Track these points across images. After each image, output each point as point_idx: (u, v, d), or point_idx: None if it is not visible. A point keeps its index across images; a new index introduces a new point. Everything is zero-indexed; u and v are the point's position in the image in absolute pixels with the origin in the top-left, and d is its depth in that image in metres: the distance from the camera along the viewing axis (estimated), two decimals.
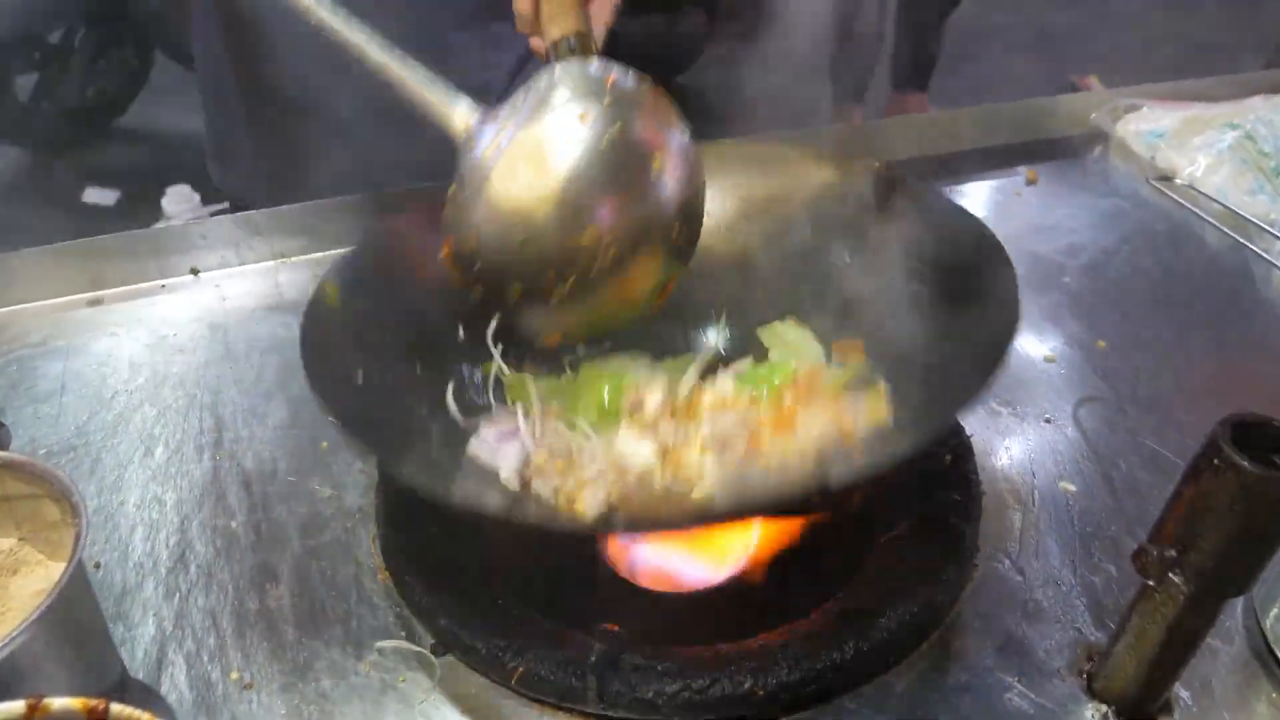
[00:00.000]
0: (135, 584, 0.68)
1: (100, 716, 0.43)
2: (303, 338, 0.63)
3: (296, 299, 0.96)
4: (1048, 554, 0.69)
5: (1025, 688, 0.60)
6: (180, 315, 0.94)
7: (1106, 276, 1.00)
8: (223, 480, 0.76)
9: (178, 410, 0.82)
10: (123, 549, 0.70)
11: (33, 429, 0.81)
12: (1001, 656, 0.62)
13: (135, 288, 0.97)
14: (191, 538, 0.71)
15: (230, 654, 0.63)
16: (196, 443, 0.79)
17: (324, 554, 0.70)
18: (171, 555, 0.70)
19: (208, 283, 0.99)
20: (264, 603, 0.66)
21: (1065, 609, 0.65)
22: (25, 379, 0.86)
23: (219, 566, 0.69)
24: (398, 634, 0.63)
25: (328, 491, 0.74)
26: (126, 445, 0.79)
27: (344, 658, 0.62)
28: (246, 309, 0.95)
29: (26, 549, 0.61)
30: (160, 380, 0.86)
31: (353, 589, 0.67)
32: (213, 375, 0.86)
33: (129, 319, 0.94)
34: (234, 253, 1.00)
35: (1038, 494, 0.74)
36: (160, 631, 0.64)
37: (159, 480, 0.76)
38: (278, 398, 0.83)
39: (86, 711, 0.44)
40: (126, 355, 0.89)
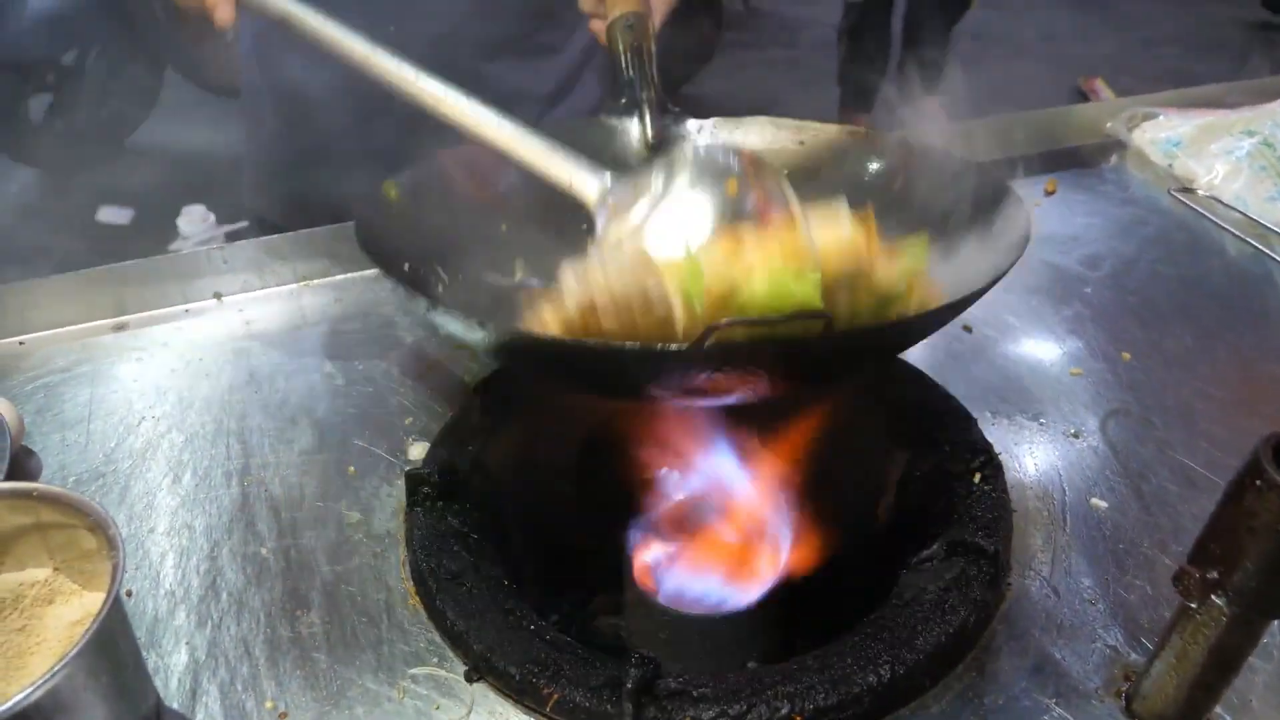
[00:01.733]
0: (167, 612, 0.67)
1: None
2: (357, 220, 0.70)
3: (319, 321, 0.96)
4: (1081, 572, 0.68)
5: (1063, 709, 0.60)
6: (204, 339, 0.94)
7: (1128, 287, 1.00)
8: (251, 506, 0.76)
9: (205, 436, 0.82)
10: (154, 576, 0.70)
11: (61, 456, 0.81)
12: (1037, 677, 0.61)
13: (159, 312, 0.98)
14: (222, 565, 0.71)
15: (264, 683, 0.62)
16: (224, 469, 0.79)
17: (354, 579, 0.69)
18: (203, 583, 0.70)
19: (231, 307, 0.99)
20: (296, 630, 0.66)
21: (1101, 627, 0.65)
22: (52, 405, 0.86)
23: (250, 594, 0.69)
24: (430, 660, 0.63)
25: (356, 516, 0.74)
26: (155, 472, 0.79)
27: (377, 685, 0.62)
28: (270, 332, 0.95)
29: (61, 579, 0.61)
30: (186, 405, 0.86)
31: (384, 615, 0.67)
32: (238, 400, 0.86)
33: (154, 344, 0.94)
34: (256, 276, 1.00)
35: (1069, 511, 0.73)
36: (193, 660, 0.64)
37: (188, 507, 0.76)
38: (303, 423, 0.83)
39: None
40: (152, 380, 0.89)
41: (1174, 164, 1.17)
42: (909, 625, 0.60)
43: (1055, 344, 0.91)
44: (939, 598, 0.62)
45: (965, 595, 0.62)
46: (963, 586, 0.62)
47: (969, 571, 0.63)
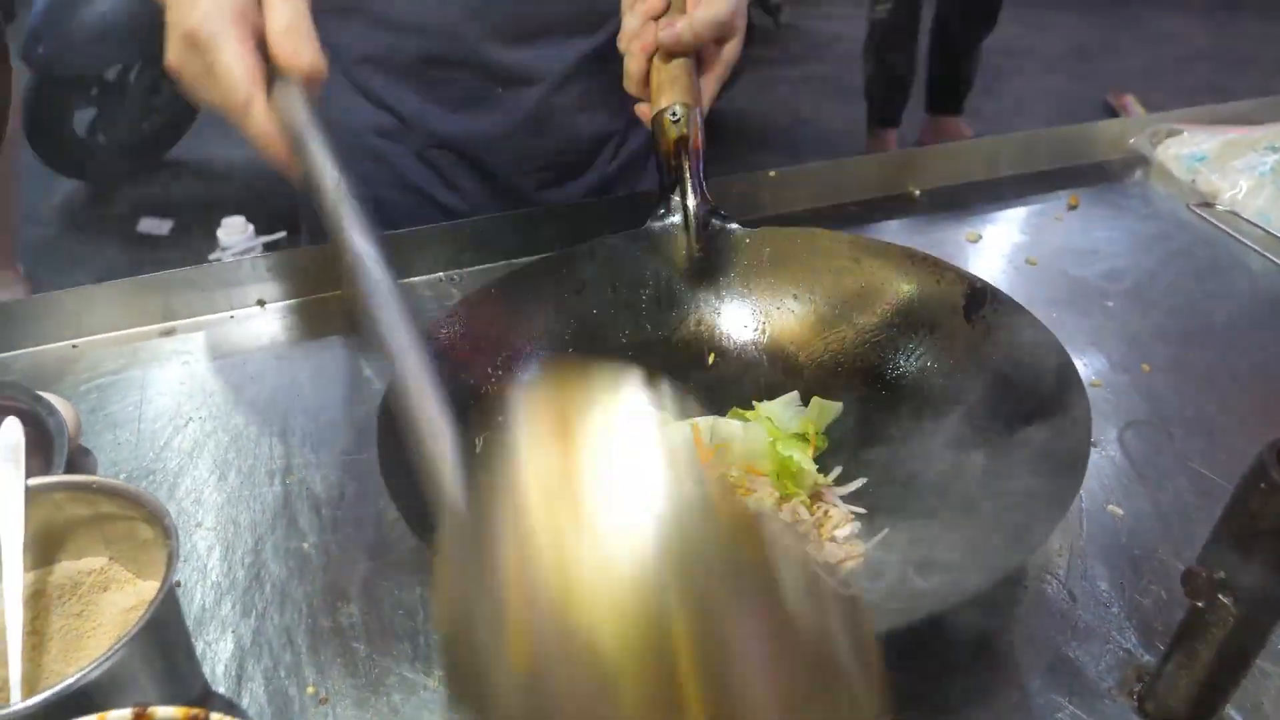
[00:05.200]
0: (214, 602, 0.71)
1: None
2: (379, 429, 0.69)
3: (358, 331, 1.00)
4: (1096, 577, 0.70)
5: (1076, 708, 0.61)
6: (249, 344, 0.98)
7: (1149, 300, 1.01)
8: (293, 504, 0.79)
9: (249, 436, 0.86)
10: (201, 569, 0.73)
11: (113, 453, 0.84)
12: (1052, 677, 0.63)
13: (205, 318, 1.01)
14: (265, 558, 0.74)
15: (306, 670, 0.65)
16: (268, 467, 0.82)
17: (391, 574, 0.72)
18: (247, 575, 0.73)
19: (274, 313, 1.02)
20: (336, 620, 0.69)
21: (1115, 630, 0.66)
22: (104, 406, 0.90)
23: (292, 586, 0.72)
24: None
25: (393, 514, 0.77)
26: (202, 469, 0.83)
27: (414, 674, 0.65)
28: (311, 338, 0.99)
29: (116, 567, 0.65)
30: (231, 407, 0.89)
31: (419, 608, 0.69)
32: (281, 402, 0.90)
33: (200, 348, 0.98)
34: (300, 284, 1.04)
35: (1086, 517, 0.75)
36: (239, 648, 0.67)
37: (233, 503, 0.79)
38: (343, 425, 0.87)
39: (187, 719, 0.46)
40: (199, 383, 0.93)
41: (1197, 179, 1.18)
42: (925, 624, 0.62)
43: (1075, 356, 0.92)
44: None
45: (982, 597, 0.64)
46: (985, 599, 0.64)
47: None
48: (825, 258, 0.86)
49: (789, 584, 0.35)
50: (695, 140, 0.82)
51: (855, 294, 0.85)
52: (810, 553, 0.67)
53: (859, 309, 0.84)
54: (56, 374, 0.94)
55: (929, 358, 0.80)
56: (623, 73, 0.88)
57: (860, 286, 0.85)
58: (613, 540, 0.33)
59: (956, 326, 0.79)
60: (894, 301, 0.83)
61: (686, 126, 0.81)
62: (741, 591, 0.34)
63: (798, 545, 0.55)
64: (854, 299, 0.84)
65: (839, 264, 0.86)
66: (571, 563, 0.33)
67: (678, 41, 0.82)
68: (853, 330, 0.84)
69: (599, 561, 0.33)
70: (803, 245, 0.87)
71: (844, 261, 0.86)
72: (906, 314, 0.82)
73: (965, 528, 0.66)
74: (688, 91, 0.82)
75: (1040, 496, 0.62)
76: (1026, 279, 1.05)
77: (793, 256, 0.87)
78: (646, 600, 0.32)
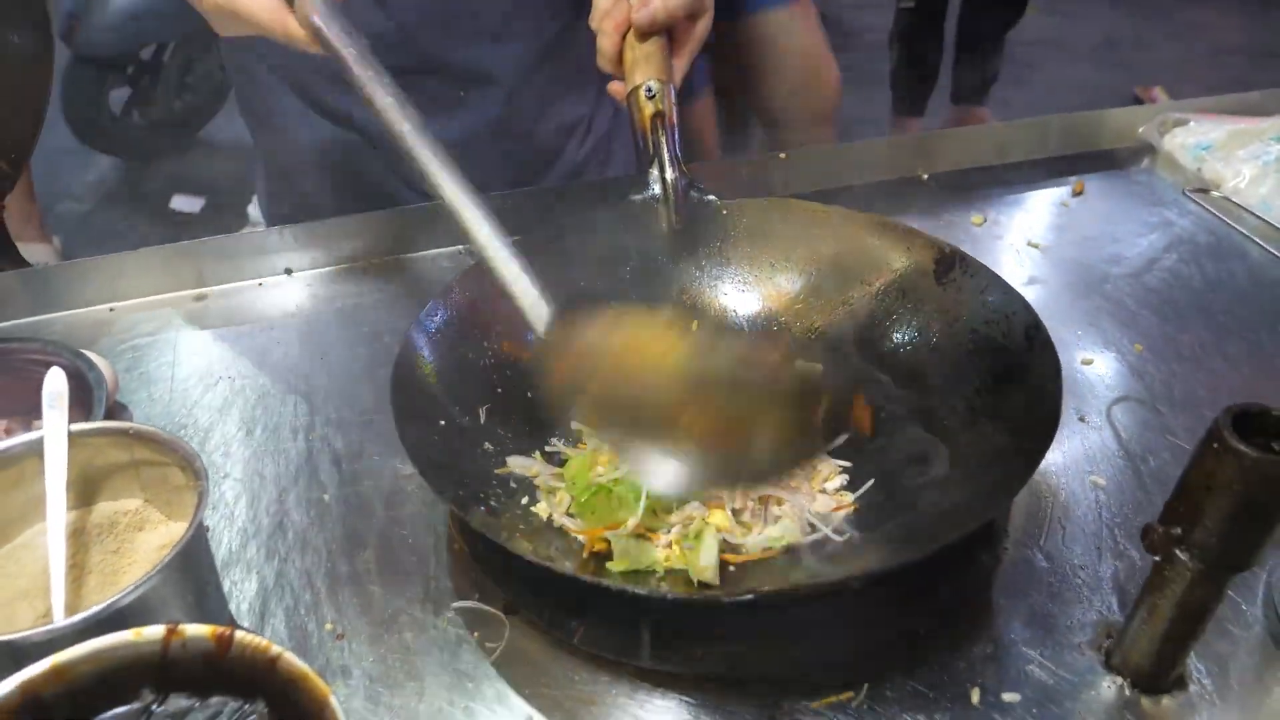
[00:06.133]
0: (240, 546, 0.76)
1: (227, 642, 0.51)
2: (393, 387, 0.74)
3: (379, 296, 1.04)
4: (1074, 541, 0.73)
5: (1046, 659, 0.65)
6: (276, 311, 1.03)
7: (1147, 284, 1.04)
8: (315, 458, 0.84)
9: (275, 396, 0.91)
10: (229, 516, 0.78)
11: (148, 409, 0.89)
12: (1025, 632, 0.67)
13: (235, 285, 1.06)
14: (289, 507, 0.79)
15: (324, 609, 0.70)
16: (292, 425, 0.87)
17: (406, 524, 0.77)
18: (271, 522, 0.78)
19: (300, 281, 1.07)
20: (353, 565, 0.74)
21: (1089, 592, 0.70)
22: (140, 365, 0.95)
23: (313, 533, 0.77)
24: (472, 595, 0.70)
25: (409, 470, 0.81)
26: (230, 425, 0.88)
27: (424, 614, 0.69)
28: (335, 305, 1.03)
29: (150, 509, 0.70)
30: (259, 368, 0.94)
31: (431, 555, 0.74)
32: (305, 365, 0.95)
33: (230, 313, 1.03)
34: (325, 254, 1.08)
35: (1068, 486, 0.78)
36: (263, 588, 0.72)
37: (259, 457, 0.84)
38: (364, 386, 0.91)
39: (215, 638, 0.51)
40: (229, 345, 0.98)
41: (1203, 168, 1.20)
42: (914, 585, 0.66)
43: (1070, 335, 0.95)
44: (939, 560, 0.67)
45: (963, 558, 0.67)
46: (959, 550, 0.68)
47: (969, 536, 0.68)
48: (800, 226, 0.90)
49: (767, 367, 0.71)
50: (670, 115, 0.84)
51: (830, 261, 0.88)
52: (803, 501, 0.72)
53: (835, 276, 0.88)
54: (94, 335, 0.99)
55: (904, 321, 0.83)
56: (586, 56, 0.90)
57: (835, 254, 0.88)
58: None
59: (928, 290, 0.83)
60: (868, 267, 0.87)
61: (662, 102, 0.84)
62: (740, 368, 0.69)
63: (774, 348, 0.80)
64: (829, 267, 0.88)
65: (814, 233, 0.89)
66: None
67: (652, 21, 0.84)
68: (830, 296, 0.88)
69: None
70: (778, 216, 0.91)
71: (819, 231, 0.89)
72: (881, 279, 0.86)
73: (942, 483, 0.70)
74: (662, 68, 0.84)
75: (1013, 454, 0.65)
76: (1029, 262, 1.08)
77: (769, 227, 0.91)
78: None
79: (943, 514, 0.67)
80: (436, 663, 0.66)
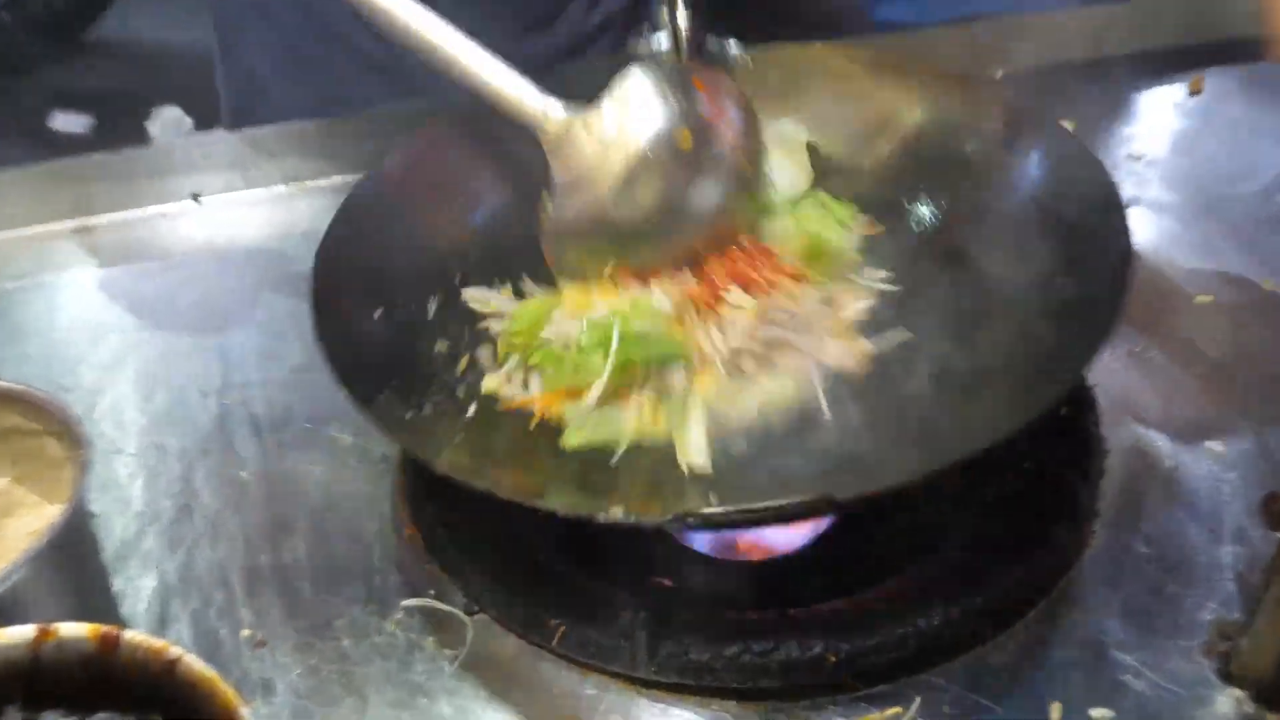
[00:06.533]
0: (135, 535, 0.76)
1: (112, 642, 0.51)
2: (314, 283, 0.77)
3: (312, 228, 1.04)
4: (1184, 521, 0.73)
5: (1147, 668, 0.65)
6: (181, 246, 1.03)
7: None
8: (230, 427, 0.84)
9: (179, 350, 0.91)
10: (122, 499, 0.79)
11: (18, 369, 0.90)
12: (1120, 633, 0.67)
13: (129, 215, 1.06)
14: (197, 487, 0.79)
15: (240, 611, 0.71)
16: (200, 386, 0.88)
17: (345, 507, 0.77)
18: (175, 505, 0.78)
19: (211, 209, 1.07)
20: (278, 557, 0.74)
21: (1202, 584, 0.69)
22: (8, 316, 0.95)
23: (227, 518, 0.77)
24: (426, 592, 0.71)
25: (348, 439, 0.82)
26: (123, 387, 0.88)
27: (366, 616, 0.70)
28: (256, 240, 1.03)
29: (21, 490, 0.70)
30: (160, 317, 0.94)
31: (376, 544, 0.74)
32: (218, 313, 0.95)
33: (122, 250, 1.03)
34: (240, 176, 1.08)
35: (1176, 454, 0.78)
36: (163, 585, 0.73)
37: (160, 426, 0.84)
38: (291, 337, 0.91)
39: (97, 639, 0.51)
40: (121, 289, 0.98)
41: None
42: (969, 567, 0.66)
43: (1186, 265, 0.95)
44: (1009, 538, 0.67)
45: (1037, 537, 0.67)
46: (1035, 528, 0.68)
47: (1043, 511, 0.69)
48: (840, 80, 0.90)
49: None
50: None
51: (876, 121, 0.88)
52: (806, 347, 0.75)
53: (880, 137, 0.88)
54: None
55: (959, 191, 0.84)
56: None
57: (881, 112, 0.88)
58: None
59: (991, 155, 0.84)
60: (920, 128, 0.87)
61: None
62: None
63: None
64: (875, 127, 0.88)
65: (858, 87, 0.89)
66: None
67: None
68: (873, 161, 0.88)
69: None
70: (816, 65, 0.91)
71: (863, 84, 0.89)
72: (933, 142, 0.86)
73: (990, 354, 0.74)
74: None
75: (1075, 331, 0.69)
76: (1132, 179, 1.07)
77: (804, 80, 0.91)
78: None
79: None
80: (381, 674, 0.66)
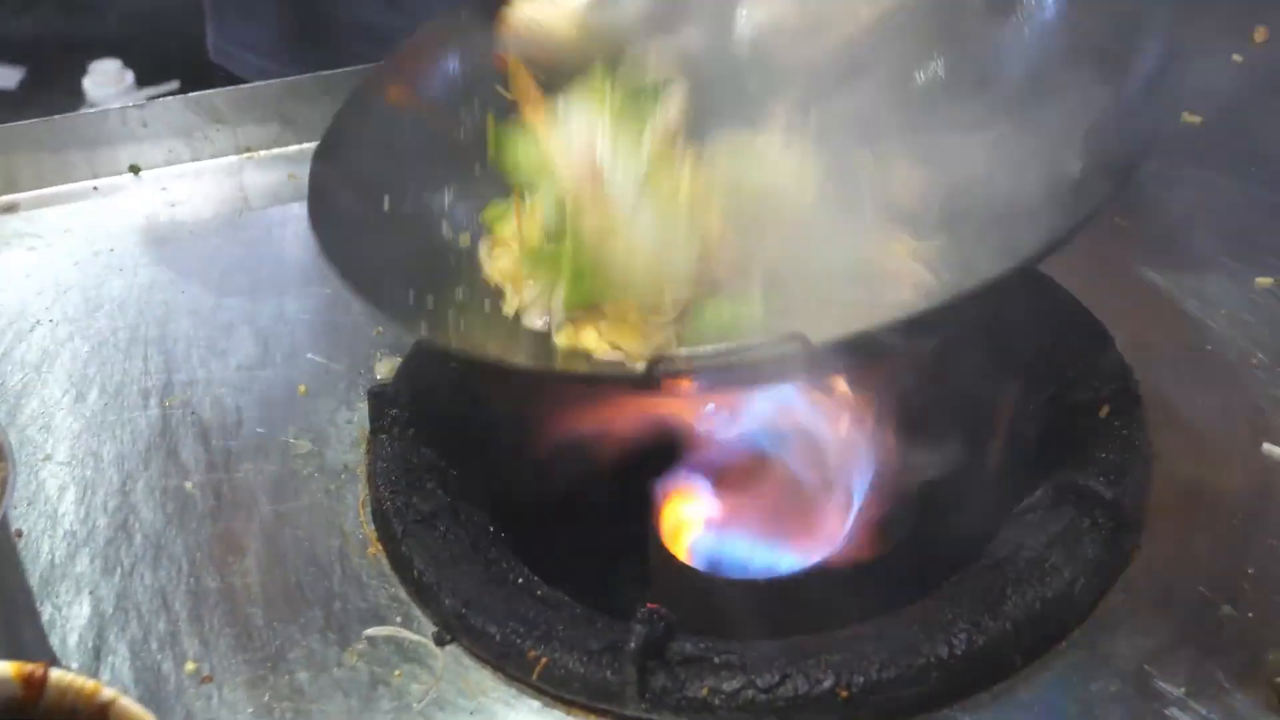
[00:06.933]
0: (66, 556, 0.76)
1: (38, 683, 0.51)
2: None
3: (266, 203, 1.04)
4: (1239, 536, 0.73)
5: (1195, 702, 0.65)
6: (117, 225, 1.03)
7: None
8: (174, 432, 0.84)
9: (116, 345, 0.91)
10: (50, 514, 0.79)
11: None
12: (1165, 663, 0.67)
13: (59, 190, 1.06)
14: (135, 502, 0.80)
15: (185, 641, 0.71)
16: (141, 385, 0.88)
17: (301, 522, 0.78)
18: (111, 522, 0.78)
19: (152, 184, 1.07)
20: (226, 580, 0.74)
21: (1256, 607, 0.69)
22: None
23: (170, 536, 0.77)
24: (392, 619, 0.71)
25: (306, 446, 0.82)
26: (53, 388, 0.88)
27: (325, 646, 0.70)
28: (202, 217, 1.04)
29: None
30: (94, 307, 0.94)
31: (336, 564, 0.75)
32: (160, 301, 0.95)
33: (52, 229, 1.03)
34: (186, 145, 1.08)
35: (1235, 459, 0.78)
36: (98, 613, 0.73)
37: (94, 431, 0.85)
38: (242, 330, 0.92)
39: (21, 679, 0.51)
40: (51, 275, 0.98)
41: None
42: (996, 588, 0.66)
43: (1243, 246, 0.94)
44: (1039, 555, 0.68)
45: (1073, 553, 0.68)
46: (1070, 542, 0.68)
47: (1080, 524, 0.69)
48: None
49: None
50: None
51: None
52: None
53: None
54: None
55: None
56: None
57: None
58: None
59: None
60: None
61: None
62: None
63: None
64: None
65: None
66: None
67: None
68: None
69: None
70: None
71: None
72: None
73: None
74: None
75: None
76: (1185, 143, 1.06)
77: None
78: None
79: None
80: (342, 712, 0.67)
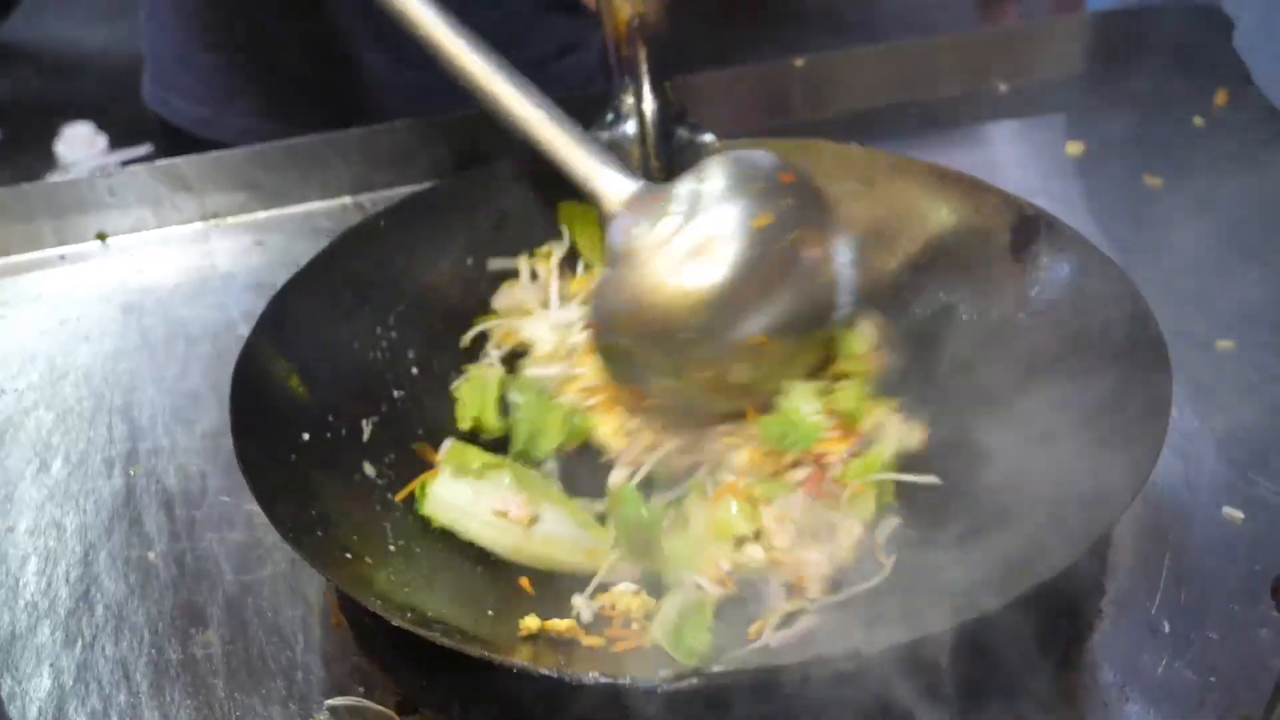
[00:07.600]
0: (27, 628, 0.76)
1: None
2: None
3: (232, 271, 1.05)
4: (1201, 598, 0.74)
5: None
6: (84, 293, 1.03)
7: None
8: (138, 501, 0.84)
9: (81, 414, 0.91)
10: (11, 585, 0.79)
11: None
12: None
13: (25, 258, 1.07)
14: (98, 572, 0.79)
15: (145, 713, 0.71)
16: (105, 454, 0.88)
17: (264, 591, 0.78)
18: (73, 593, 0.78)
19: (119, 251, 1.08)
20: (188, 651, 0.74)
21: (1219, 668, 0.70)
22: None
23: (132, 607, 0.77)
24: (354, 690, 0.71)
25: None
26: (15, 458, 0.88)
27: (286, 718, 0.70)
28: (168, 285, 1.04)
29: None
30: (59, 375, 0.95)
31: (299, 634, 0.75)
32: (125, 370, 0.95)
33: (18, 297, 1.03)
34: (152, 213, 1.09)
35: (1192, 520, 0.79)
36: (58, 685, 0.73)
37: (57, 501, 0.85)
38: (208, 399, 0.92)
39: None
40: (16, 344, 0.98)
41: None
42: None
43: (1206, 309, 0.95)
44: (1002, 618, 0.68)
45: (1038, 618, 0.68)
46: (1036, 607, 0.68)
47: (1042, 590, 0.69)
48: (830, 179, 0.88)
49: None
50: (654, 16, 0.85)
51: (870, 227, 0.88)
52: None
53: (875, 246, 0.88)
54: None
55: (965, 306, 0.84)
56: None
57: (876, 216, 0.89)
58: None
59: (1000, 266, 0.84)
60: (920, 235, 0.87)
61: (643, 2, 0.84)
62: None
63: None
64: (869, 233, 0.87)
65: (848, 187, 0.89)
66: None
67: None
68: (868, 273, 0.87)
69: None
70: (800, 162, 0.88)
71: (853, 184, 0.89)
72: (936, 250, 0.87)
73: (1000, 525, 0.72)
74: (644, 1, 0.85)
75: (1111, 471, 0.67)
76: (1145, 206, 1.08)
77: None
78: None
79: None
80: None
